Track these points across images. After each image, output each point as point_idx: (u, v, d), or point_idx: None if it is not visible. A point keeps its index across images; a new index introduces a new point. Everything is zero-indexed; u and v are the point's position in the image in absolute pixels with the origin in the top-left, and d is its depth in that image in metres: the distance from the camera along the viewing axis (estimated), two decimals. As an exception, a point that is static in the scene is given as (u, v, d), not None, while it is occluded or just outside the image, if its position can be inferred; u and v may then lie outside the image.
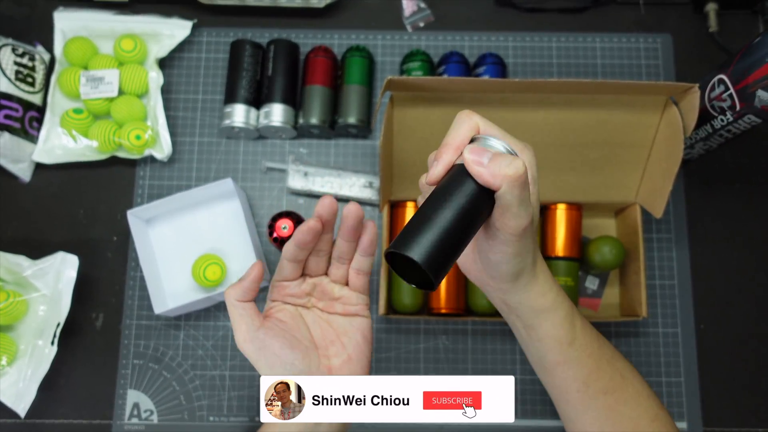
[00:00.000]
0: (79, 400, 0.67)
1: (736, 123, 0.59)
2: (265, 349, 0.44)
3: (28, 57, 0.71)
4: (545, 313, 0.44)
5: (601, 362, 0.47)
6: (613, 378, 0.47)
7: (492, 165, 0.36)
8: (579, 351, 0.45)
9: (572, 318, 0.46)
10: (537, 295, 0.44)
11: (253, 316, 0.45)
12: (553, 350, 0.45)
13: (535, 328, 0.45)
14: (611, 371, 0.47)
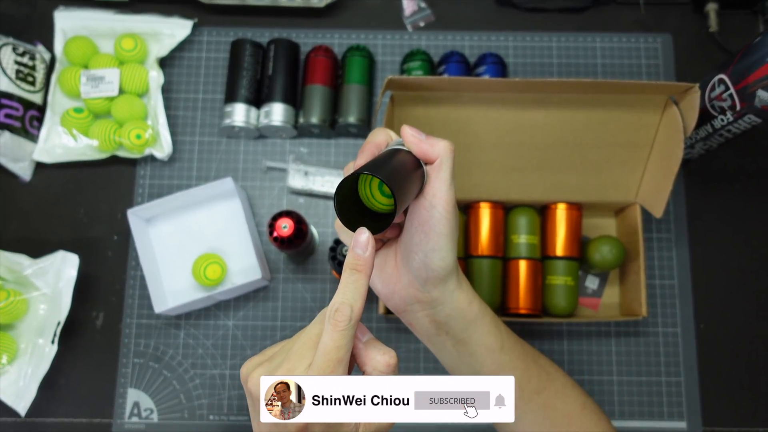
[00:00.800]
0: (80, 399, 0.67)
1: (736, 123, 0.59)
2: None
3: (28, 56, 0.71)
4: (475, 322, 0.45)
5: (528, 363, 0.48)
6: (540, 376, 0.48)
7: (429, 139, 0.42)
8: (509, 354, 0.46)
9: (497, 323, 0.47)
10: (465, 303, 0.44)
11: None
12: (486, 360, 0.46)
13: (467, 342, 0.45)
14: (538, 370, 0.48)
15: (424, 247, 0.41)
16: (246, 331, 0.68)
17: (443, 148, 0.41)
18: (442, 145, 0.41)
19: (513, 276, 0.65)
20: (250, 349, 0.68)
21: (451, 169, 0.41)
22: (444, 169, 0.41)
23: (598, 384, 0.67)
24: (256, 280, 0.65)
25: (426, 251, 0.41)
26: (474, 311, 0.45)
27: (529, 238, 0.65)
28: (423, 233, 0.41)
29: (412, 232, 0.42)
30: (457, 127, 0.62)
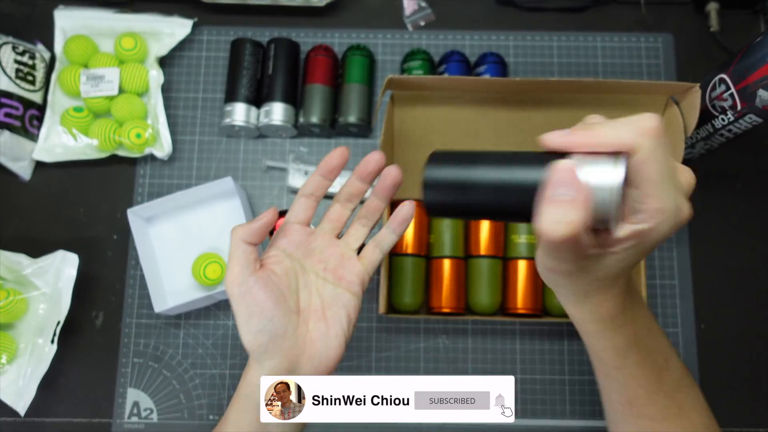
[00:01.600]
0: (79, 399, 0.67)
1: (737, 123, 0.59)
2: (250, 296, 0.43)
3: (28, 55, 0.71)
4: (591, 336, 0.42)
5: (654, 393, 0.43)
6: (667, 408, 0.44)
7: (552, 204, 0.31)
8: (626, 377, 0.43)
9: (627, 350, 0.41)
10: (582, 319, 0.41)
11: (250, 260, 0.43)
12: (598, 364, 0.43)
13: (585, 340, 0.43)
14: (666, 402, 0.44)
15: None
16: (246, 331, 0.68)
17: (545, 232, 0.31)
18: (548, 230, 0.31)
19: (513, 276, 0.65)
20: (250, 348, 0.68)
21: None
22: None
23: (598, 384, 0.67)
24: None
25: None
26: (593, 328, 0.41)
27: (529, 238, 0.65)
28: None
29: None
30: (457, 127, 0.62)
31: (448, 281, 0.65)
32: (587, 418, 0.67)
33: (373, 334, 0.68)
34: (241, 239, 0.43)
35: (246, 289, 0.43)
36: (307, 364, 0.44)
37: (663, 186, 0.31)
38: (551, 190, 0.31)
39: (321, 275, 0.47)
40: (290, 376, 0.43)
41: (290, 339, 0.43)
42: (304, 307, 0.45)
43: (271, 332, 0.43)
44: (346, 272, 0.47)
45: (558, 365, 0.68)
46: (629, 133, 0.31)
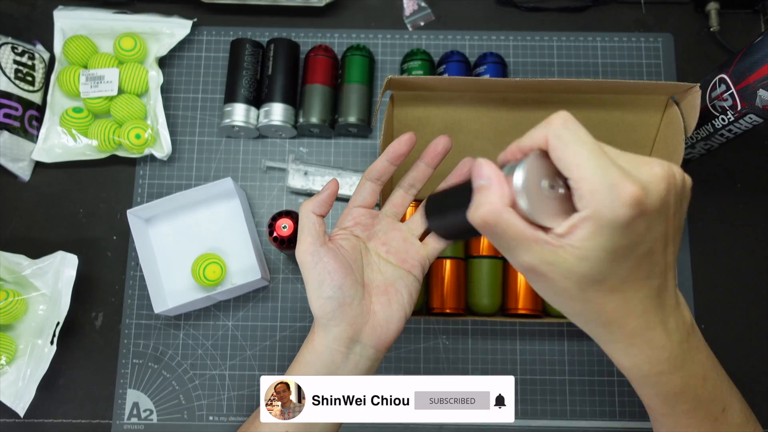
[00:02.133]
0: (79, 400, 0.67)
1: (737, 123, 0.59)
2: (322, 264, 0.45)
3: (27, 56, 0.71)
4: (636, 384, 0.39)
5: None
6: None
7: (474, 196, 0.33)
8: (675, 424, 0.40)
9: (675, 399, 0.39)
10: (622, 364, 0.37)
11: (321, 231, 0.46)
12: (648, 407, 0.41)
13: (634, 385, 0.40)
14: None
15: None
16: (246, 332, 0.68)
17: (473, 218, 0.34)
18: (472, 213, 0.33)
19: (513, 276, 0.65)
20: (250, 349, 0.68)
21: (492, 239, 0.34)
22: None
23: (598, 384, 0.67)
24: (256, 281, 0.65)
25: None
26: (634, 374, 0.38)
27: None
28: None
29: None
30: (457, 127, 0.62)
31: (448, 281, 0.64)
32: (587, 418, 0.66)
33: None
34: (310, 211, 0.47)
35: (318, 258, 0.45)
36: (369, 334, 0.46)
37: (585, 167, 0.30)
38: (473, 184, 0.34)
39: (383, 256, 0.49)
40: (352, 343, 0.45)
41: (356, 308, 0.46)
42: (367, 282, 0.48)
43: (340, 299, 0.45)
44: (408, 255, 0.49)
45: (558, 365, 0.67)
46: (539, 131, 0.33)
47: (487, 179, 0.33)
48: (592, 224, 0.30)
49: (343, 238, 0.49)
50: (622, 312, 0.34)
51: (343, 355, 0.46)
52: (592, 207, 0.30)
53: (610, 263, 0.31)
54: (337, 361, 0.46)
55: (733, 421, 0.41)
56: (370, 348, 0.46)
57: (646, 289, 0.34)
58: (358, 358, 0.46)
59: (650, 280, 0.34)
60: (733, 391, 0.42)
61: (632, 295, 0.33)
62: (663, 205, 0.31)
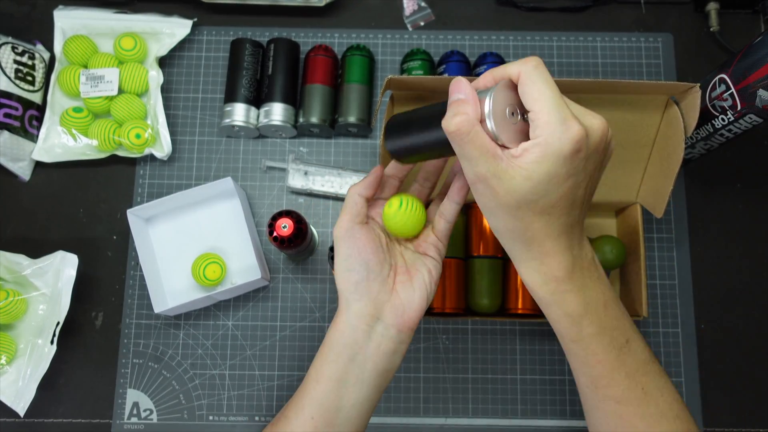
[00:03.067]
0: (79, 400, 0.67)
1: (737, 123, 0.59)
2: (354, 239, 0.47)
3: (27, 55, 0.71)
4: (542, 303, 0.44)
5: (615, 372, 0.45)
6: (629, 389, 0.45)
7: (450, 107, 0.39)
8: (585, 351, 0.45)
9: (579, 319, 0.44)
10: (530, 282, 0.44)
11: (361, 212, 0.48)
12: (560, 335, 0.46)
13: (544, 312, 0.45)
14: (628, 383, 0.45)
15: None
16: (246, 331, 0.68)
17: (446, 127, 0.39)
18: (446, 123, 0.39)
19: (513, 276, 0.65)
20: (250, 349, 0.68)
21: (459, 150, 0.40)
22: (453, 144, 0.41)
23: (598, 384, 0.67)
24: (256, 280, 0.65)
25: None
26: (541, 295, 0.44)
27: (529, 238, 0.65)
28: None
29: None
30: (458, 127, 0.62)
31: (448, 281, 0.64)
32: (587, 418, 0.67)
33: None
34: (356, 193, 0.48)
35: (351, 234, 0.47)
36: (391, 313, 0.47)
37: (544, 102, 0.37)
38: (450, 97, 0.40)
39: (403, 243, 0.51)
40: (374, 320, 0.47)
41: (379, 285, 0.47)
42: (393, 264, 0.49)
43: (364, 273, 0.46)
44: (423, 242, 0.51)
45: (558, 365, 0.68)
46: (514, 66, 0.39)
47: (465, 94, 0.39)
48: (541, 151, 0.37)
49: (375, 222, 0.50)
50: (543, 232, 0.40)
51: (364, 333, 0.46)
52: (543, 137, 0.37)
53: (546, 187, 0.38)
54: (359, 340, 0.46)
55: (637, 355, 0.46)
56: (392, 327, 0.47)
57: (565, 217, 0.40)
58: (380, 339, 0.47)
59: (571, 209, 0.40)
60: (636, 330, 0.47)
61: (554, 220, 0.40)
62: (596, 151, 0.39)
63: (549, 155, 0.37)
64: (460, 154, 0.39)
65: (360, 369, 0.46)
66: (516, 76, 0.39)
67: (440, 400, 0.67)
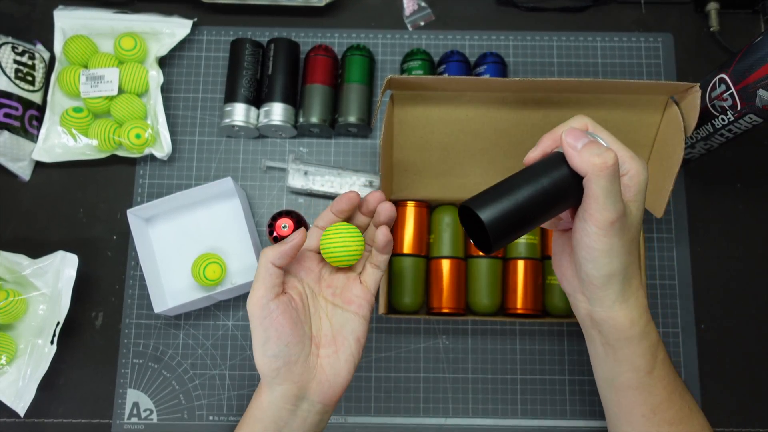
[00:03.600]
0: (79, 400, 0.67)
1: (737, 123, 0.59)
2: (270, 320, 0.44)
3: (27, 55, 0.71)
4: (631, 340, 0.44)
5: (673, 394, 0.46)
6: (681, 410, 0.46)
7: (584, 150, 0.40)
8: (655, 380, 0.45)
9: (656, 350, 0.45)
10: (625, 320, 0.44)
11: (276, 284, 0.45)
12: (628, 374, 0.45)
13: (616, 351, 0.45)
14: (681, 403, 0.47)
15: (579, 252, 0.43)
16: (246, 331, 0.68)
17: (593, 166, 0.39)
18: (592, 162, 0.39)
19: (513, 276, 0.65)
20: (250, 349, 0.68)
21: (606, 187, 0.39)
22: (594, 188, 0.40)
23: (598, 384, 0.67)
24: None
25: (580, 257, 0.43)
26: (634, 331, 0.44)
27: (529, 237, 0.65)
28: (578, 240, 0.42)
29: (575, 231, 0.43)
30: (457, 127, 0.62)
31: (448, 281, 0.64)
32: (587, 418, 0.67)
33: (373, 335, 0.68)
34: (270, 262, 0.45)
35: (267, 312, 0.44)
36: (316, 390, 0.46)
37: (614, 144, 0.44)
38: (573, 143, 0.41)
39: (330, 299, 0.49)
40: (299, 400, 0.45)
41: (302, 365, 0.45)
42: (315, 333, 0.47)
43: (286, 358, 0.44)
44: (353, 295, 0.49)
45: (558, 365, 0.68)
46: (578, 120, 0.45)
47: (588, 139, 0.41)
48: (637, 182, 0.42)
49: (291, 287, 0.48)
50: (635, 265, 0.44)
51: (289, 412, 0.45)
52: (634, 170, 0.41)
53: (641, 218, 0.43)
54: (284, 417, 0.45)
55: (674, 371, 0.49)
56: (318, 404, 0.46)
57: (636, 252, 0.44)
58: (306, 414, 0.46)
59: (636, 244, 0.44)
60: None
61: (636, 250, 0.44)
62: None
63: (641, 183, 0.42)
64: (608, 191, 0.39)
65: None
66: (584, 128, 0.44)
67: (440, 400, 0.67)
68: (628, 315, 0.44)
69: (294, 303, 0.46)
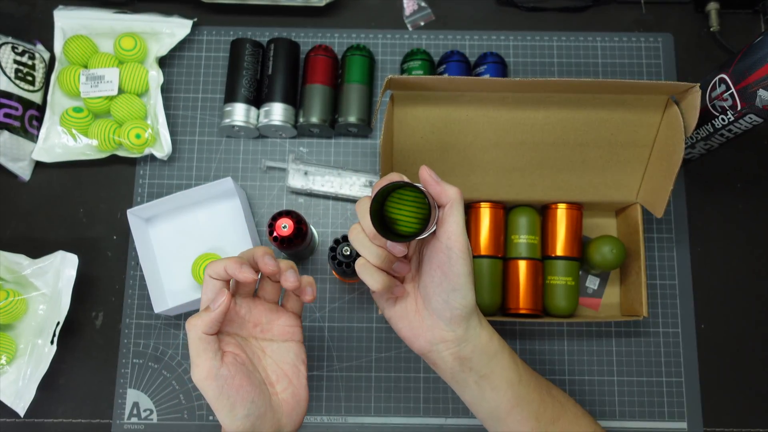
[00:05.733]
0: (79, 399, 0.67)
1: (737, 123, 0.59)
2: (228, 387, 0.42)
3: (28, 55, 0.71)
4: (496, 356, 0.47)
5: (543, 394, 0.50)
6: (554, 406, 0.50)
7: (441, 183, 0.44)
8: (526, 387, 0.49)
9: (514, 356, 0.49)
10: (486, 339, 0.47)
11: (217, 351, 0.43)
12: (506, 395, 0.48)
13: (489, 377, 0.48)
14: (551, 400, 0.50)
15: (446, 288, 0.44)
16: (246, 331, 0.68)
17: (454, 193, 0.44)
18: (453, 191, 0.44)
19: (513, 276, 0.65)
20: (250, 349, 0.68)
21: (462, 213, 0.44)
22: (455, 213, 0.43)
23: (598, 384, 0.67)
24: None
25: (447, 292, 0.44)
26: (495, 346, 0.48)
27: (529, 238, 0.65)
28: (442, 274, 0.44)
29: (432, 274, 0.45)
30: (457, 127, 0.62)
31: (448, 281, 0.64)
32: (587, 418, 0.66)
33: (372, 335, 0.68)
34: (201, 332, 0.42)
35: (222, 381, 0.42)
36: (288, 422, 0.46)
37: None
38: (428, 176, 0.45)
39: (260, 337, 0.48)
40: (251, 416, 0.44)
41: (270, 411, 0.45)
42: (265, 376, 0.46)
43: (256, 413, 0.43)
44: (282, 326, 0.48)
45: (558, 365, 0.68)
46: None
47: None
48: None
49: (227, 343, 0.45)
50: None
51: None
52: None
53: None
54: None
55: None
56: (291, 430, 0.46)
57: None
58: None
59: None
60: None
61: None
62: None
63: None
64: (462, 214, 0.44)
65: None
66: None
67: (440, 400, 0.67)
68: (487, 333, 0.48)
69: (239, 357, 0.45)
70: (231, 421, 0.43)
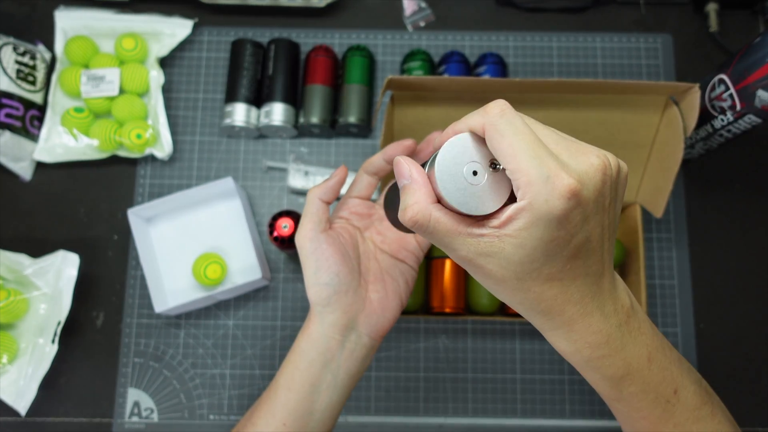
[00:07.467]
0: (80, 399, 0.67)
1: (736, 123, 0.59)
2: (320, 251, 0.46)
3: (29, 56, 0.71)
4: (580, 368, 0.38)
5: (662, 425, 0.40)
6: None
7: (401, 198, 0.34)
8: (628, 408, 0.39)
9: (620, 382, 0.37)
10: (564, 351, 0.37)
11: (323, 218, 0.47)
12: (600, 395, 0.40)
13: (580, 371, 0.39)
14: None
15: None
16: (246, 331, 0.68)
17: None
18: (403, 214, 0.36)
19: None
20: (250, 348, 0.68)
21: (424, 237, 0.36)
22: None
23: (598, 384, 0.67)
24: (256, 280, 0.65)
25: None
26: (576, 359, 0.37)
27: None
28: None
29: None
30: (458, 127, 0.62)
31: (448, 281, 0.65)
32: (587, 418, 0.67)
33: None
34: (316, 197, 0.47)
35: (317, 244, 0.46)
36: (365, 322, 0.47)
37: (521, 158, 0.30)
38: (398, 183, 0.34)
39: (379, 246, 0.50)
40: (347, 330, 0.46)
41: (351, 296, 0.46)
42: (364, 271, 0.48)
43: (336, 286, 0.46)
44: (401, 246, 0.50)
45: (558, 365, 0.68)
46: (476, 118, 0.33)
47: (408, 178, 0.33)
48: (529, 215, 0.30)
49: (341, 226, 0.49)
50: (560, 300, 0.34)
51: (338, 342, 0.46)
52: (528, 198, 0.30)
53: (547, 253, 0.31)
54: (332, 348, 0.46)
55: (687, 402, 0.40)
56: (366, 336, 0.47)
57: (582, 277, 0.33)
58: (353, 346, 0.47)
59: (587, 268, 0.33)
60: (687, 373, 0.40)
61: (569, 284, 0.33)
62: (599, 195, 0.31)
63: (539, 220, 0.30)
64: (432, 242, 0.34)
65: (333, 375, 0.46)
66: (480, 129, 0.33)
67: (440, 399, 0.67)
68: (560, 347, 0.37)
69: (342, 238, 0.47)
70: (312, 284, 0.46)
